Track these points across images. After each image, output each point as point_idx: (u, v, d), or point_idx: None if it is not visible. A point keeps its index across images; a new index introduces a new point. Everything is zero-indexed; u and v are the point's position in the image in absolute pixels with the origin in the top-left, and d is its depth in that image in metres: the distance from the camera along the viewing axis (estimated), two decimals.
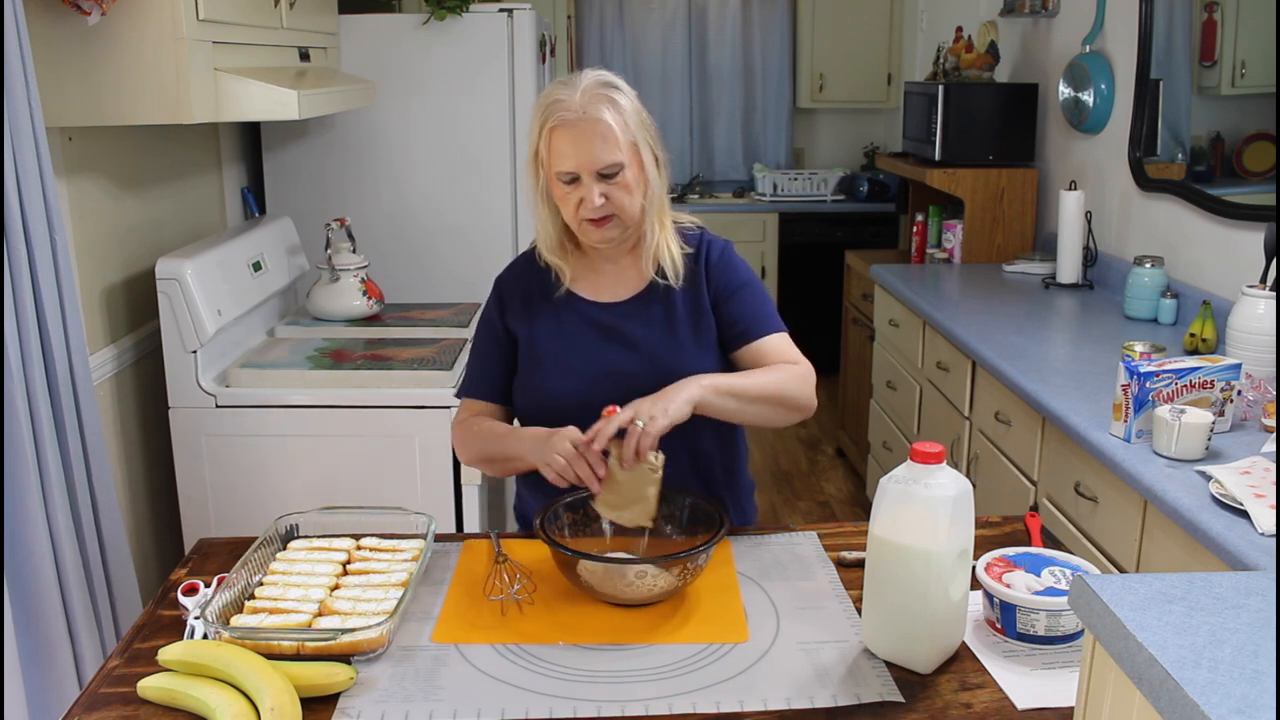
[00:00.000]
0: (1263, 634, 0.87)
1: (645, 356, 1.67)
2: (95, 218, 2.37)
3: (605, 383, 1.64)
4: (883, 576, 1.30)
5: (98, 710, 1.23)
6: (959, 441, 2.82)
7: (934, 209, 4.00)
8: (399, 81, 3.19)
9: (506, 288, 1.77)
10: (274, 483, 2.39)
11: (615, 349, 1.69)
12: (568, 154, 1.57)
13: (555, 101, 1.58)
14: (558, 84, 1.61)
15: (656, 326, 1.70)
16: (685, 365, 1.65)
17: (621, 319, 1.70)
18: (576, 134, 1.56)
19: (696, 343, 1.70)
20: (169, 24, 2.04)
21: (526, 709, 1.22)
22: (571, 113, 1.56)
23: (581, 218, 1.61)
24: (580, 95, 1.57)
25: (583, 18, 5.74)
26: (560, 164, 1.58)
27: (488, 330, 1.78)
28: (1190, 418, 1.87)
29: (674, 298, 1.71)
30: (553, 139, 1.58)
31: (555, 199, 1.63)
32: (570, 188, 1.59)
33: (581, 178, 1.58)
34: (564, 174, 1.58)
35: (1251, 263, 2.52)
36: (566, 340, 1.70)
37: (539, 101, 1.61)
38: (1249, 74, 2.66)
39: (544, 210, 1.67)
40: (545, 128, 1.58)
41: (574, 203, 1.60)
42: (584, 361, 1.68)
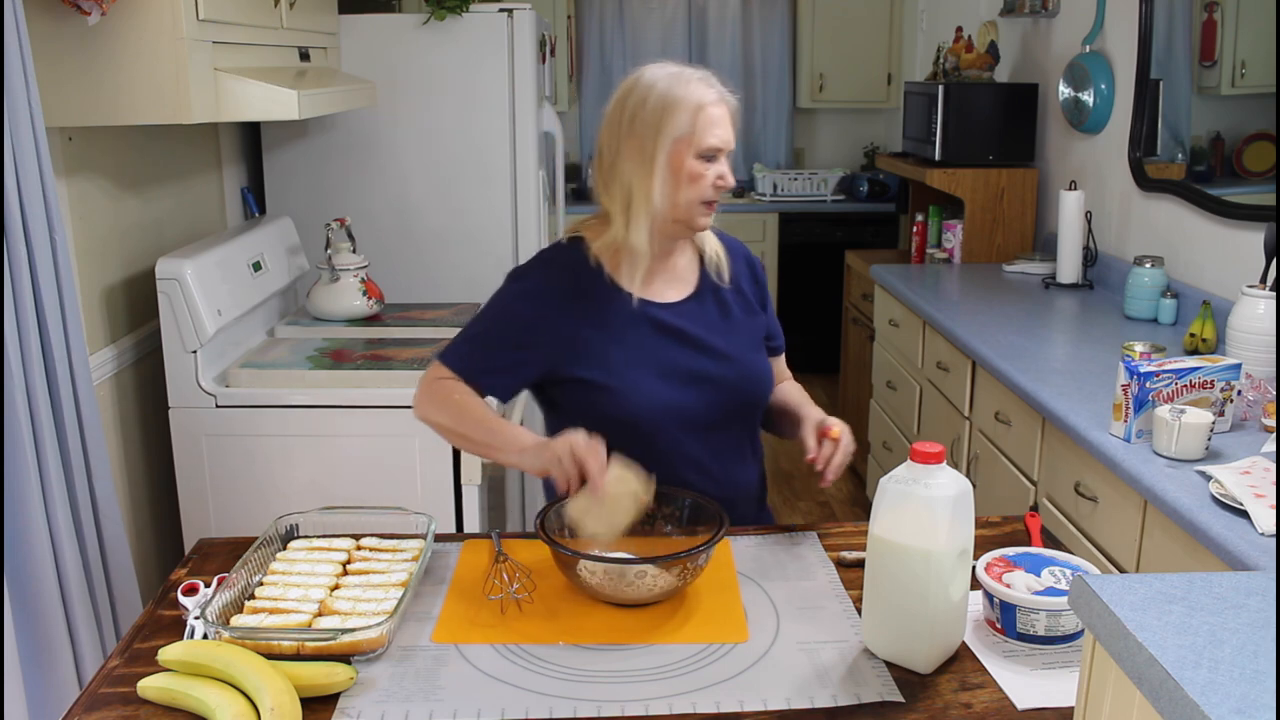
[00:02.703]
0: (1263, 634, 0.87)
1: (715, 356, 1.68)
2: (95, 218, 2.37)
3: (684, 387, 1.65)
4: (883, 576, 1.30)
5: (98, 710, 1.23)
6: (959, 441, 2.82)
7: (934, 209, 4.00)
8: (399, 81, 3.19)
9: (558, 283, 1.67)
10: (274, 483, 2.38)
11: (684, 350, 1.67)
12: (716, 130, 1.61)
13: (693, 84, 1.61)
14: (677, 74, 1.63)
15: (715, 326, 1.71)
16: (752, 363, 1.72)
17: (681, 318, 1.69)
18: (721, 114, 1.62)
19: (752, 342, 1.75)
20: (169, 24, 2.04)
21: (526, 709, 1.22)
22: (713, 93, 1.62)
23: (707, 197, 1.63)
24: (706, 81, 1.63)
25: (583, 18, 5.74)
26: (711, 139, 1.60)
27: (510, 323, 1.67)
28: (1190, 418, 1.87)
29: (724, 296, 1.74)
30: (700, 117, 1.60)
31: (685, 177, 1.60)
32: (706, 165, 1.61)
33: (720, 156, 1.63)
34: (710, 150, 1.61)
35: (1251, 263, 2.52)
36: (636, 345, 1.65)
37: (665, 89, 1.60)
38: (1249, 74, 2.66)
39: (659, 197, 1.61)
40: (699, 105, 1.60)
41: (709, 180, 1.62)
42: (657, 366, 1.65)
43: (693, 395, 1.64)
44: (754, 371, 1.72)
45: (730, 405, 1.69)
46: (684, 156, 1.60)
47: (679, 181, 1.61)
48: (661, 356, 1.65)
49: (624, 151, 1.61)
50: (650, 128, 1.59)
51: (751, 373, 1.71)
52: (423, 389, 1.68)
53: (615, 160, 1.62)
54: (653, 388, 1.63)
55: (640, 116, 1.60)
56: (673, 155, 1.60)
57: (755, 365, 1.73)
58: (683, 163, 1.60)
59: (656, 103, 1.59)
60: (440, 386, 1.66)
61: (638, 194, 1.61)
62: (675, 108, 1.59)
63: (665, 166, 1.60)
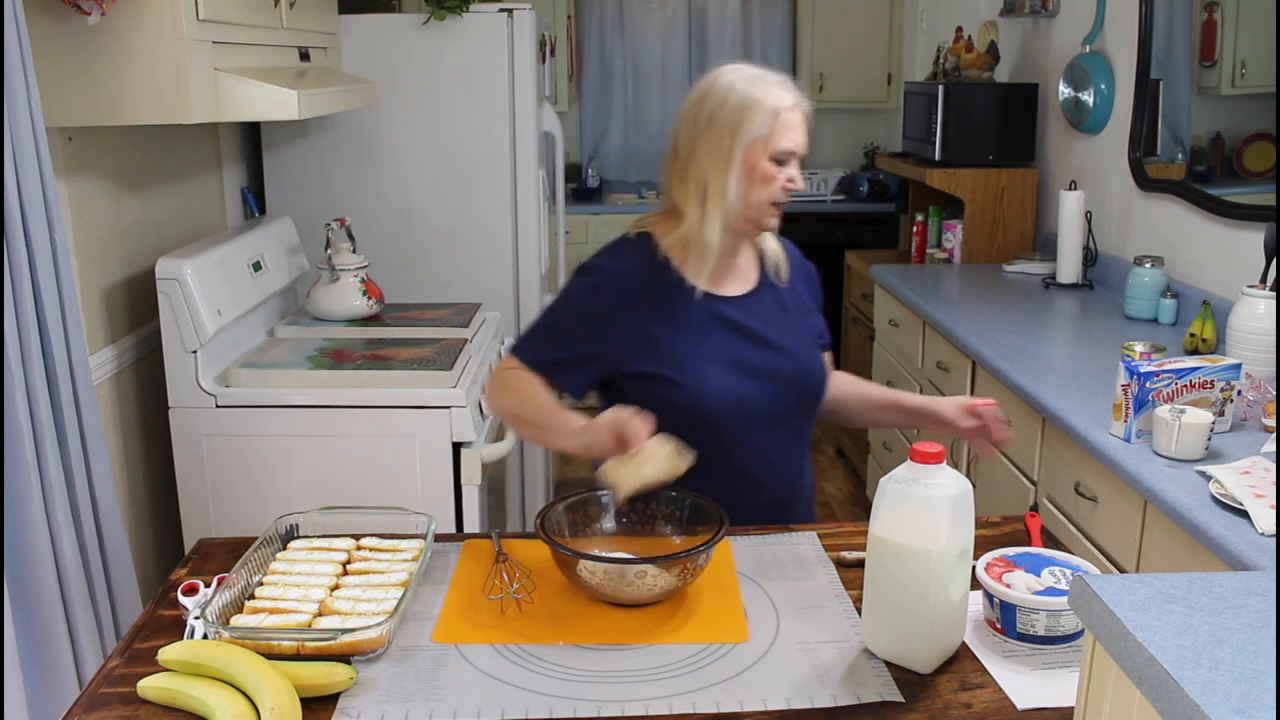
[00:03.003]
0: (1263, 634, 0.87)
1: (777, 351, 1.72)
2: (95, 218, 2.37)
3: (749, 381, 1.68)
4: (883, 576, 1.30)
5: (98, 710, 1.23)
6: (959, 441, 2.82)
7: (934, 209, 4.00)
8: (399, 81, 3.19)
9: (631, 279, 1.69)
10: (274, 483, 2.38)
11: (748, 345, 1.71)
12: (790, 134, 1.64)
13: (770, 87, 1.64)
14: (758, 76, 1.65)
15: (775, 322, 1.75)
16: (810, 359, 1.77)
17: (744, 313, 1.72)
18: (798, 119, 1.65)
19: (810, 338, 1.79)
20: (169, 24, 2.04)
21: (526, 709, 1.22)
22: (789, 97, 1.65)
23: (776, 199, 1.66)
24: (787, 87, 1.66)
25: (583, 18, 5.74)
26: (786, 142, 1.63)
27: (581, 316, 1.69)
28: (1190, 418, 1.87)
29: (781, 294, 1.78)
30: (778, 120, 1.63)
31: (758, 178, 1.63)
32: (779, 168, 1.64)
33: (791, 159, 1.65)
34: (784, 153, 1.64)
35: (1251, 263, 2.52)
36: (704, 339, 1.68)
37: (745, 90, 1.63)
38: (1249, 74, 2.66)
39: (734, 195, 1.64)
40: (777, 108, 1.63)
41: (780, 182, 1.65)
42: (725, 360, 1.68)
43: (757, 389, 1.68)
44: (813, 367, 1.77)
45: (791, 399, 1.73)
46: (759, 157, 1.63)
47: (752, 181, 1.64)
48: (727, 350, 1.69)
49: (701, 148, 1.64)
50: (729, 126, 1.62)
51: (810, 368, 1.76)
52: (492, 380, 1.73)
53: (691, 156, 1.65)
54: (720, 381, 1.66)
55: (719, 115, 1.63)
56: (748, 155, 1.63)
57: (814, 361, 1.78)
58: (757, 163, 1.64)
59: (736, 102, 1.63)
60: (507, 376, 1.69)
61: (714, 190, 1.64)
62: (754, 109, 1.63)
63: (741, 165, 1.63)
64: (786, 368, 1.71)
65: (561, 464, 4.45)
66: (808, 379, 1.75)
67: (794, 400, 1.73)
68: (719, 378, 1.66)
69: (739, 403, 1.66)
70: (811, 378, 1.76)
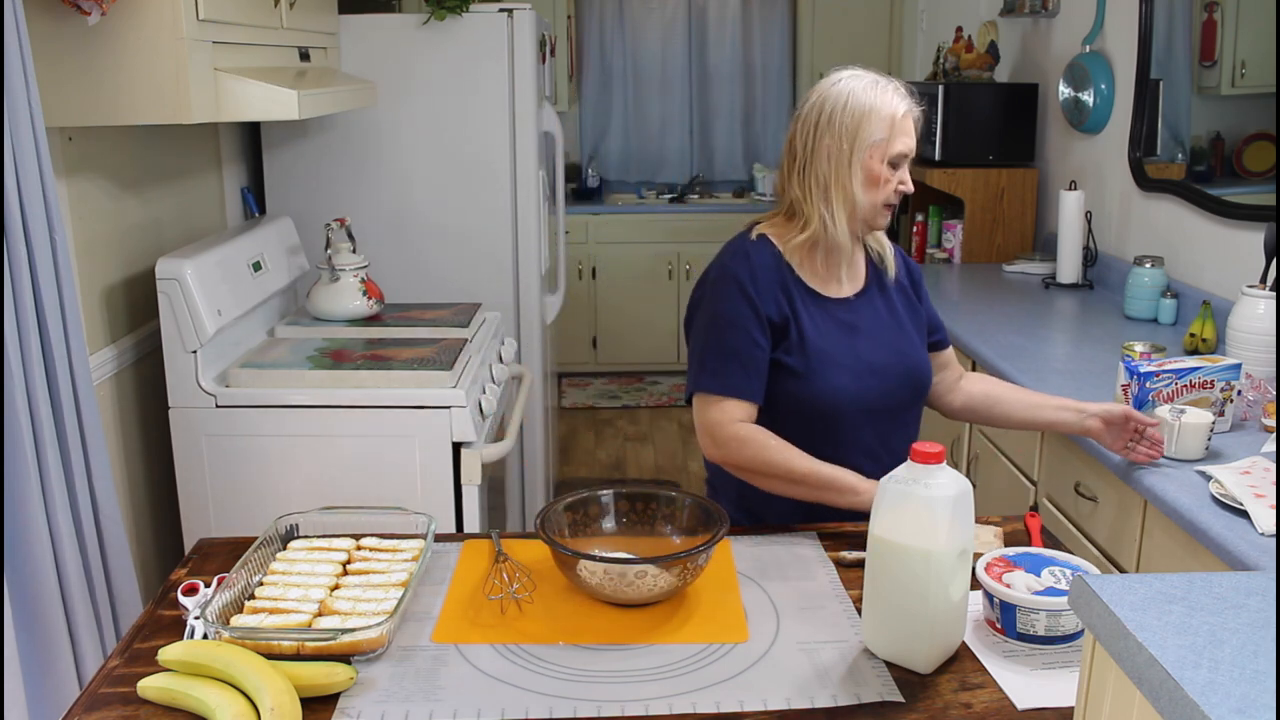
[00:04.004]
0: (1263, 634, 0.87)
1: (888, 348, 1.78)
2: (95, 218, 2.37)
3: (864, 377, 1.74)
4: (883, 576, 1.30)
5: (98, 710, 1.23)
6: (959, 441, 2.82)
7: (934, 209, 4.00)
8: (399, 81, 3.19)
9: (758, 278, 1.73)
10: (274, 483, 2.38)
11: (864, 342, 1.76)
12: (905, 138, 1.70)
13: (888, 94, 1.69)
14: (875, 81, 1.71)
15: (885, 321, 1.81)
16: (920, 358, 1.82)
17: (855, 313, 1.78)
18: (910, 124, 1.71)
19: (918, 335, 1.84)
20: (169, 24, 2.04)
21: (526, 709, 1.22)
22: (906, 103, 1.71)
23: (886, 201, 1.72)
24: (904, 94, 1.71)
25: (583, 18, 5.74)
26: (903, 145, 1.70)
27: (745, 322, 1.71)
28: (1190, 418, 1.87)
29: (889, 292, 1.83)
30: (895, 125, 1.69)
31: (870, 180, 1.70)
32: (893, 171, 1.70)
33: (904, 162, 1.71)
34: (899, 156, 1.70)
35: (1251, 263, 2.52)
36: (827, 336, 1.74)
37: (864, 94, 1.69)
38: (1249, 74, 2.66)
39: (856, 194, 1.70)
40: (895, 116, 1.68)
41: (893, 185, 1.71)
42: (845, 355, 1.74)
43: (870, 385, 1.74)
44: (920, 363, 1.82)
45: (900, 395, 1.78)
46: (876, 160, 1.69)
47: (870, 184, 1.71)
48: (843, 347, 1.74)
49: (820, 150, 1.70)
50: (849, 129, 1.68)
51: (918, 365, 1.81)
52: (714, 439, 1.71)
53: (811, 158, 1.71)
54: (839, 376, 1.72)
55: (839, 118, 1.69)
56: (867, 158, 1.69)
57: (921, 357, 1.83)
58: (874, 167, 1.70)
59: (856, 106, 1.68)
60: (738, 430, 1.68)
61: (836, 190, 1.70)
62: (874, 114, 1.69)
63: (863, 169, 1.69)
64: (896, 364, 1.77)
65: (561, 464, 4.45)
66: (914, 376, 1.80)
67: (904, 395, 1.79)
68: (836, 373, 1.72)
69: (854, 398, 1.72)
70: (920, 372, 1.82)
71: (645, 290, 5.58)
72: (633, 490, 1.61)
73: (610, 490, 1.60)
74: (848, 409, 1.73)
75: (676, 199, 5.79)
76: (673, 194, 5.84)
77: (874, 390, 1.74)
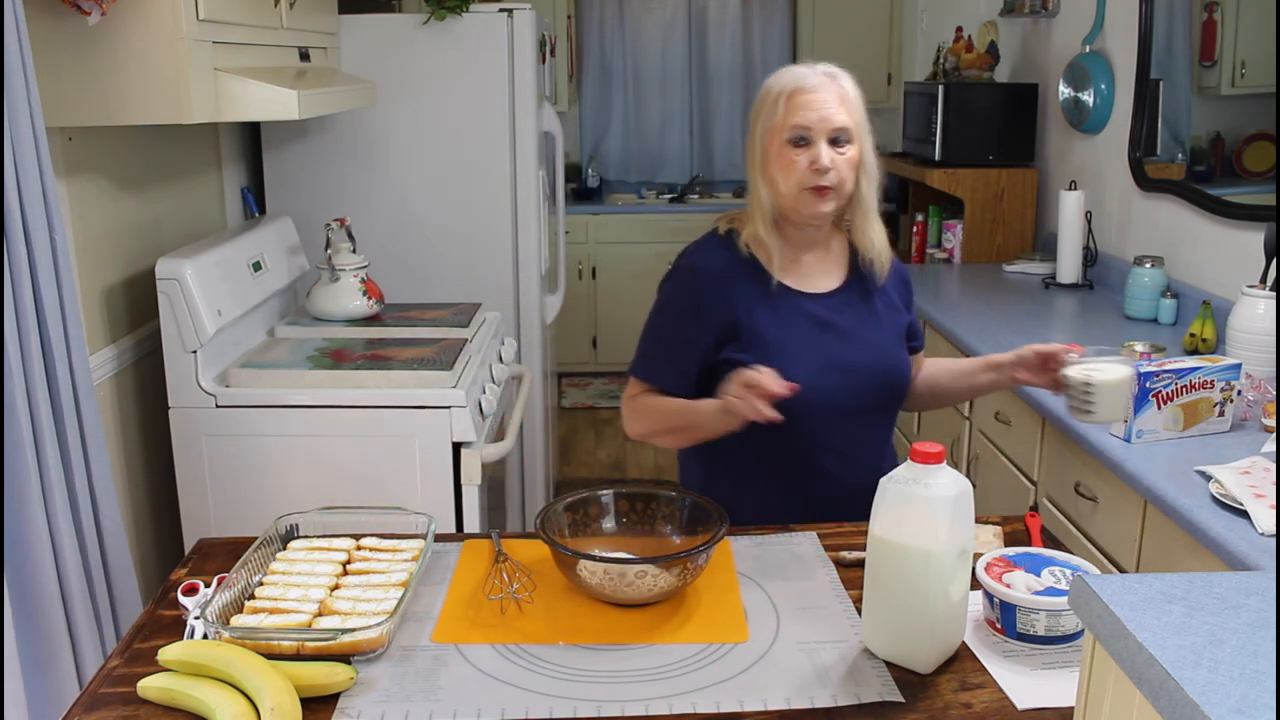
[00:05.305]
0: (1263, 634, 0.87)
1: (861, 347, 1.73)
2: (95, 218, 2.37)
3: (831, 375, 1.69)
4: (883, 576, 1.30)
5: (98, 710, 1.23)
6: (959, 441, 2.82)
7: (934, 209, 4.00)
8: (399, 81, 3.19)
9: (710, 273, 1.73)
10: (274, 483, 2.38)
11: (833, 340, 1.72)
12: (806, 111, 1.62)
13: (795, 73, 1.65)
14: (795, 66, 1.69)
15: (864, 319, 1.75)
16: (896, 356, 1.77)
17: (830, 311, 1.73)
18: (816, 96, 1.63)
19: (898, 338, 1.79)
20: (169, 24, 2.04)
21: (526, 709, 1.22)
22: (812, 79, 1.64)
23: (805, 184, 1.63)
24: (819, 71, 1.66)
25: (583, 18, 5.74)
26: (797, 119, 1.62)
27: (680, 317, 1.73)
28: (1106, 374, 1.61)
29: (871, 291, 1.77)
30: (792, 100, 1.63)
31: (779, 167, 1.64)
32: (799, 150, 1.63)
33: (814, 138, 1.62)
34: (799, 129, 1.62)
35: (1251, 263, 2.52)
36: (788, 331, 1.70)
37: (771, 80, 1.67)
38: (1249, 74, 2.66)
39: (763, 189, 1.68)
40: (784, 92, 1.63)
41: (803, 165, 1.62)
42: (808, 353, 1.69)
43: (838, 383, 1.69)
44: (895, 365, 1.77)
45: (872, 396, 1.74)
46: (776, 143, 1.64)
47: (773, 169, 1.66)
48: (810, 344, 1.70)
49: (748, 148, 1.70)
50: (755, 121, 1.66)
51: (893, 366, 1.76)
52: (624, 412, 1.80)
53: (745, 152, 1.71)
54: (803, 373, 1.66)
55: (753, 112, 1.68)
56: (766, 144, 1.65)
57: (897, 359, 1.78)
58: (774, 149, 1.64)
59: (760, 95, 1.67)
60: (634, 403, 1.77)
61: (751, 187, 1.69)
62: (767, 96, 1.65)
63: (761, 156, 1.66)
64: (869, 364, 1.73)
65: (561, 464, 4.45)
66: (888, 377, 1.75)
67: (875, 396, 1.75)
68: (800, 370, 1.67)
69: (819, 395, 1.67)
70: (894, 375, 1.77)
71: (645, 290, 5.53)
72: (633, 490, 1.61)
73: (610, 490, 1.60)
74: (811, 406, 1.66)
75: (676, 199, 5.79)
76: (673, 194, 5.84)
77: (842, 389, 1.69)
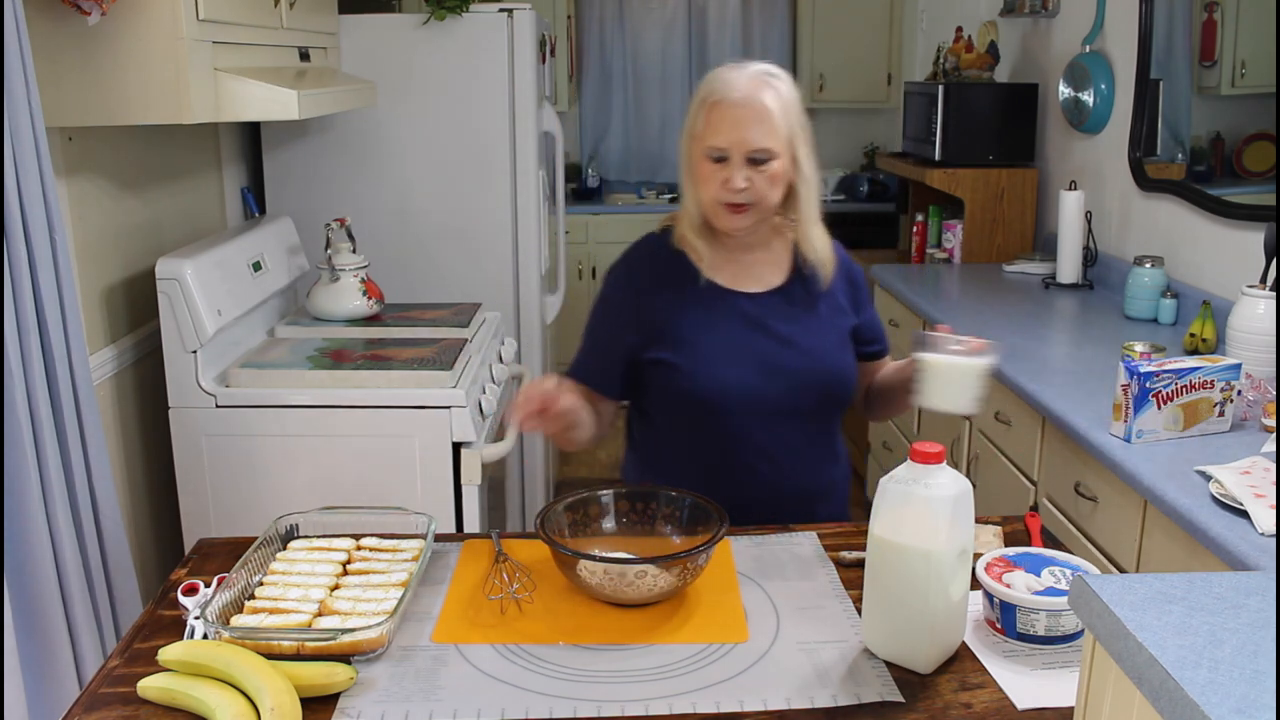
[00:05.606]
0: (1263, 634, 0.87)
1: (796, 349, 1.69)
2: (95, 218, 2.37)
3: (758, 375, 1.66)
4: (883, 576, 1.30)
5: (98, 710, 1.23)
6: (959, 441, 2.82)
7: (934, 209, 4.00)
8: (399, 81, 3.19)
9: (639, 271, 1.73)
10: (274, 483, 2.38)
11: (765, 340, 1.68)
12: (723, 130, 1.57)
13: (721, 80, 1.59)
14: (725, 67, 1.63)
15: (801, 321, 1.71)
16: (835, 360, 1.71)
17: (764, 311, 1.70)
18: (737, 113, 1.57)
19: (840, 341, 1.74)
20: (169, 24, 2.04)
21: (526, 709, 1.22)
22: (735, 92, 1.57)
23: (720, 200, 1.60)
24: (747, 78, 1.59)
25: (583, 18, 5.74)
26: (713, 139, 1.57)
27: (614, 317, 1.73)
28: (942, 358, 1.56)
29: (815, 294, 1.73)
30: (711, 114, 1.58)
31: (699, 178, 1.61)
32: (716, 166, 1.59)
33: (731, 157, 1.58)
34: (715, 149, 1.58)
35: (1251, 263, 2.52)
36: (715, 330, 1.67)
37: (704, 80, 1.62)
38: (1249, 74, 2.66)
39: (691, 189, 1.65)
40: (707, 102, 1.58)
41: (717, 182, 1.59)
42: (737, 352, 1.67)
43: (765, 383, 1.66)
44: (833, 368, 1.72)
45: (805, 399, 1.70)
46: (696, 154, 1.61)
47: (694, 179, 1.63)
48: (737, 343, 1.67)
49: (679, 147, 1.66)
50: (685, 122, 1.63)
51: (833, 369, 1.71)
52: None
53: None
54: (724, 371, 1.65)
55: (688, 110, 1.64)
56: (689, 152, 1.62)
57: (835, 362, 1.72)
58: (695, 159, 1.61)
59: (695, 94, 1.62)
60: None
61: (680, 188, 1.66)
62: (696, 100, 1.61)
63: (687, 161, 1.63)
64: (803, 366, 1.69)
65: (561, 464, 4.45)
66: (823, 380, 1.70)
67: (807, 400, 1.70)
68: (722, 368, 1.65)
69: (742, 394, 1.65)
70: (833, 379, 1.71)
71: None
72: (633, 490, 1.61)
73: (610, 490, 1.60)
74: (736, 407, 1.65)
75: (676, 199, 5.79)
76: (673, 194, 5.84)
77: (771, 390, 1.66)
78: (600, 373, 1.75)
